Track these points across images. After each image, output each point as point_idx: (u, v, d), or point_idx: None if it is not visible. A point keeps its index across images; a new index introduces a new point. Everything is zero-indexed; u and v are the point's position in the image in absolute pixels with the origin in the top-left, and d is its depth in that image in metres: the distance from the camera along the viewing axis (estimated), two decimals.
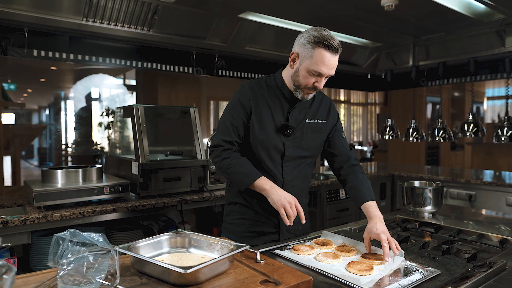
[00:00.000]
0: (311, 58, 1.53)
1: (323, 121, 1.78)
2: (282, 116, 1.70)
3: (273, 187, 1.56)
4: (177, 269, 1.00)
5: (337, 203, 3.51)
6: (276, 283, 1.06)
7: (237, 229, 1.78)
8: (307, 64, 1.55)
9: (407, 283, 1.17)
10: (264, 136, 1.67)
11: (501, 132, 3.62)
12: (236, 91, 1.75)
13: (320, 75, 1.56)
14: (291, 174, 1.74)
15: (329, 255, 1.39)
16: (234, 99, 1.72)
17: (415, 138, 4.40)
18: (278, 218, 1.75)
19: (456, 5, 3.16)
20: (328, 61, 1.53)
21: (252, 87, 1.71)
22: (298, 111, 1.72)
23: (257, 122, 1.67)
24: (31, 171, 7.02)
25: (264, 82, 1.74)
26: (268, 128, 1.67)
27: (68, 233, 1.17)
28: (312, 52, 1.53)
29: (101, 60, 3.21)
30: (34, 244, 2.20)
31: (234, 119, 1.68)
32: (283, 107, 1.70)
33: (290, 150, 1.70)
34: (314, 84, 1.59)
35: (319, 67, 1.53)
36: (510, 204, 3.24)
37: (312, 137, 1.75)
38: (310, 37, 1.54)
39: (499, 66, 4.05)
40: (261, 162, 1.70)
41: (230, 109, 1.72)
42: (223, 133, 1.69)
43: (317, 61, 1.52)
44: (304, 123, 1.73)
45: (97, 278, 1.05)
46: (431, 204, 2.09)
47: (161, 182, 2.56)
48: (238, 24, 3.50)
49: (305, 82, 1.59)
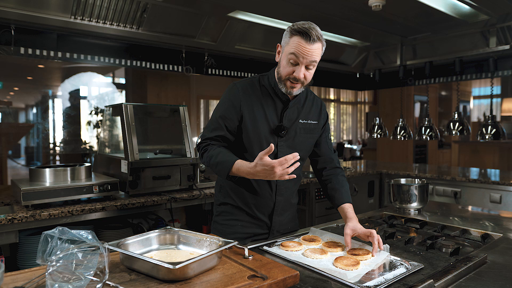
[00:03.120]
0: (288, 45, 1.54)
1: (315, 122, 1.77)
2: (275, 116, 1.67)
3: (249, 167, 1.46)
4: (166, 265, 1.02)
5: (326, 201, 3.54)
6: (264, 278, 1.08)
7: (228, 230, 1.76)
8: (285, 52, 1.55)
9: (392, 277, 1.21)
10: (258, 137, 1.65)
11: (485, 130, 3.70)
12: (226, 89, 1.71)
13: (297, 63, 1.54)
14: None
15: (316, 251, 1.42)
16: (224, 98, 1.70)
17: (402, 137, 4.47)
18: (271, 220, 1.76)
19: (441, 6, 3.22)
20: (303, 48, 1.50)
21: (244, 87, 1.68)
22: (291, 111, 1.70)
23: (250, 123, 1.64)
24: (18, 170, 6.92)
25: (257, 82, 1.71)
26: (262, 129, 1.65)
27: (57, 230, 1.18)
28: (289, 40, 1.54)
29: (89, 58, 3.20)
30: (22, 243, 2.19)
31: (221, 117, 1.66)
32: (276, 107, 1.68)
33: (283, 151, 1.68)
34: (294, 74, 1.55)
35: (295, 54, 1.51)
36: (494, 201, 3.31)
37: (305, 138, 1.74)
38: (290, 27, 1.56)
39: (484, 66, 4.13)
40: None
41: (219, 107, 1.70)
42: (208, 130, 1.69)
43: (293, 48, 1.52)
44: (298, 124, 1.71)
45: (86, 275, 1.06)
46: (416, 200, 2.14)
47: (151, 180, 2.56)
48: (227, 23, 3.51)
49: (285, 71, 1.57)
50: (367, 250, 1.41)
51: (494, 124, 3.66)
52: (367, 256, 1.37)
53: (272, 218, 1.76)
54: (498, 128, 3.63)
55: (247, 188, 1.72)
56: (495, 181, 3.33)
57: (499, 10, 3.28)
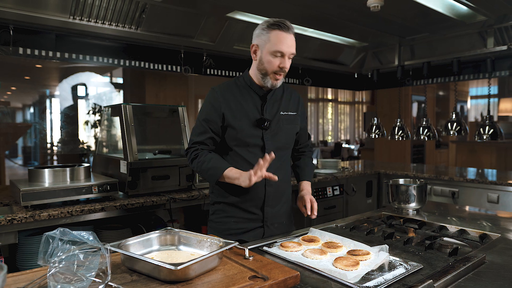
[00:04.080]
0: (270, 41, 1.65)
1: (294, 113, 1.89)
2: (257, 112, 1.78)
3: (241, 173, 1.63)
4: (167, 266, 1.02)
5: (324, 200, 3.55)
6: (264, 279, 1.09)
7: (223, 227, 1.82)
8: (268, 48, 1.66)
9: (391, 277, 1.21)
10: (242, 133, 1.73)
11: (483, 130, 3.72)
12: (207, 95, 1.82)
13: (282, 54, 1.66)
14: (273, 167, 1.76)
15: (316, 251, 1.43)
16: (205, 102, 1.80)
17: (400, 137, 4.48)
18: (263, 211, 1.81)
19: (439, 7, 3.23)
20: (285, 40, 1.64)
21: (222, 89, 1.79)
22: (270, 105, 1.80)
23: (233, 121, 1.73)
24: (15, 170, 6.91)
25: (234, 83, 1.82)
26: (245, 124, 1.74)
27: (58, 231, 1.18)
28: (269, 35, 1.65)
29: (88, 58, 3.19)
30: (21, 244, 2.19)
31: (205, 120, 1.75)
32: (255, 103, 1.79)
33: (270, 143, 1.77)
34: (279, 66, 1.67)
35: (279, 46, 1.64)
36: (491, 201, 3.33)
37: (288, 129, 1.85)
38: (263, 24, 1.68)
39: (481, 66, 4.16)
40: (242, 159, 1.76)
41: (201, 112, 1.79)
42: (194, 135, 1.78)
43: (276, 42, 1.64)
44: (280, 116, 1.81)
45: (87, 276, 1.06)
46: (415, 201, 2.15)
47: (150, 180, 2.56)
48: (226, 23, 3.52)
49: (271, 66, 1.68)
50: (367, 251, 1.42)
51: (491, 124, 3.68)
52: (367, 256, 1.38)
53: (264, 209, 1.80)
54: (495, 128, 3.65)
55: None
56: (492, 181, 3.35)
57: (496, 11, 3.30)
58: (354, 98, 13.46)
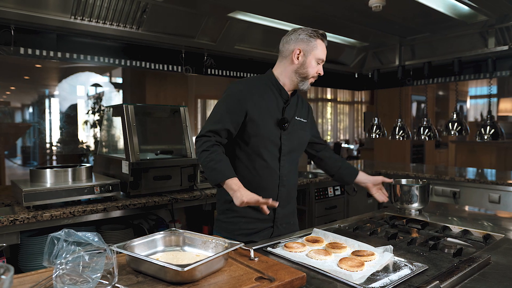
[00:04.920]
0: (316, 48, 1.78)
1: (305, 120, 1.94)
2: (278, 112, 1.80)
3: (239, 188, 1.62)
4: (174, 267, 1.02)
5: (325, 200, 3.55)
6: (271, 280, 1.09)
7: (233, 227, 1.81)
8: (314, 54, 1.78)
9: (397, 278, 1.21)
10: (264, 129, 1.75)
11: (484, 130, 3.72)
12: (229, 87, 1.80)
13: (322, 61, 1.82)
14: (287, 168, 1.83)
15: (320, 252, 1.42)
16: (229, 94, 1.77)
17: (401, 137, 4.48)
18: (274, 212, 1.81)
19: (441, 7, 3.23)
20: (324, 49, 1.82)
21: (248, 84, 1.80)
22: (290, 107, 1.85)
23: (257, 116, 1.73)
24: (14, 170, 6.88)
25: (258, 81, 1.83)
26: (268, 122, 1.75)
27: (63, 232, 1.17)
28: (316, 44, 1.78)
29: (89, 58, 3.19)
30: (23, 244, 2.18)
31: (226, 111, 1.72)
32: (278, 104, 1.81)
33: (286, 144, 1.80)
34: (317, 72, 1.81)
35: (322, 54, 1.81)
36: (493, 201, 3.33)
37: (300, 134, 1.89)
38: (309, 32, 1.78)
39: (482, 66, 4.15)
40: (259, 156, 1.76)
41: (223, 102, 1.76)
42: (211, 123, 1.73)
43: (321, 50, 1.80)
44: (294, 120, 1.86)
45: (93, 277, 1.06)
46: (418, 201, 2.15)
47: (152, 181, 2.56)
48: (227, 23, 3.51)
49: (313, 71, 1.80)
50: (371, 252, 1.42)
51: (492, 124, 3.68)
52: (372, 257, 1.38)
53: (276, 209, 1.81)
54: (496, 128, 3.65)
55: (252, 181, 1.76)
56: (494, 181, 3.35)
57: (498, 11, 3.30)
58: (354, 98, 13.47)
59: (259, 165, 1.76)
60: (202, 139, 1.71)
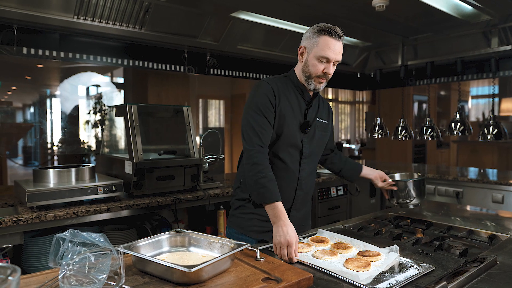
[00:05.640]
0: (318, 45, 1.65)
1: (326, 121, 1.90)
2: (301, 114, 1.77)
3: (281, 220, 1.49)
4: (180, 268, 1.02)
5: (328, 201, 3.55)
6: (278, 281, 1.08)
7: (247, 223, 1.81)
8: (315, 52, 1.66)
9: (403, 279, 1.21)
10: (289, 132, 1.72)
11: (487, 130, 3.71)
12: (256, 86, 1.74)
13: (328, 60, 1.66)
14: (307, 171, 1.82)
15: (326, 252, 1.42)
16: (258, 93, 1.70)
17: (403, 137, 4.47)
18: (289, 214, 1.76)
19: (444, 6, 3.22)
20: (333, 46, 1.63)
21: (274, 83, 1.73)
22: (311, 110, 1.81)
23: (282, 119, 1.70)
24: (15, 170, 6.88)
25: (285, 81, 1.78)
26: (292, 125, 1.72)
27: (68, 233, 1.17)
28: (318, 40, 1.64)
29: (92, 58, 3.18)
30: (27, 245, 2.18)
31: (266, 119, 1.66)
32: (300, 105, 1.77)
33: (307, 146, 1.78)
34: (323, 71, 1.68)
35: (326, 52, 1.63)
36: (496, 201, 3.32)
37: (321, 136, 1.86)
38: (314, 28, 1.67)
39: (485, 66, 4.14)
40: (279, 158, 1.74)
41: (254, 102, 1.68)
42: (257, 135, 1.64)
43: (323, 47, 1.63)
44: (316, 122, 1.82)
45: (99, 278, 1.05)
46: (415, 196, 2.07)
47: (155, 181, 2.55)
48: (229, 23, 3.51)
49: (315, 70, 1.68)
50: (377, 252, 1.42)
51: (495, 124, 3.67)
52: (378, 257, 1.37)
53: (290, 212, 1.80)
54: (499, 128, 3.64)
55: None
56: (497, 181, 3.34)
57: (501, 11, 3.29)
58: (355, 97, 13.45)
59: (277, 167, 1.72)
60: (253, 150, 1.62)
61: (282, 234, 1.43)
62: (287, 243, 1.40)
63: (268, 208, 1.54)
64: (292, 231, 1.44)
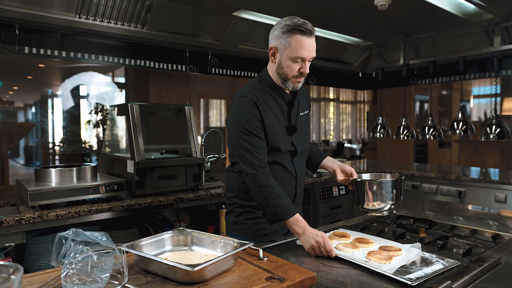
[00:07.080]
0: (290, 46, 1.57)
1: (307, 111, 1.86)
2: (283, 118, 1.73)
3: (305, 229, 1.49)
4: (184, 267, 1.01)
5: (330, 200, 3.54)
6: (281, 280, 1.07)
7: (253, 228, 1.78)
8: (288, 53, 1.58)
9: (430, 271, 1.22)
10: (278, 140, 1.69)
11: (489, 130, 3.70)
12: (238, 103, 1.66)
13: (303, 60, 1.59)
14: (300, 168, 1.82)
15: (348, 245, 1.46)
16: (247, 115, 1.62)
17: (406, 136, 4.46)
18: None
19: (446, 5, 3.21)
20: (306, 45, 1.56)
21: (255, 95, 1.66)
22: (294, 109, 1.77)
23: (270, 128, 1.66)
24: (17, 169, 6.89)
25: (261, 88, 1.70)
26: (280, 132, 1.70)
27: (70, 232, 1.17)
28: (289, 40, 1.56)
29: (93, 57, 3.18)
30: (29, 244, 2.18)
31: (258, 137, 1.63)
32: (282, 108, 1.73)
33: (299, 146, 1.77)
34: (300, 71, 1.61)
35: (300, 52, 1.56)
36: (499, 200, 3.31)
37: (306, 129, 1.84)
38: (283, 26, 1.57)
39: (487, 65, 4.13)
40: (277, 163, 1.73)
41: (248, 128, 1.62)
42: (256, 157, 1.61)
43: (297, 47, 1.56)
44: (299, 117, 1.79)
45: (102, 277, 1.05)
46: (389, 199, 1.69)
47: (157, 180, 2.55)
48: (231, 22, 3.50)
49: (290, 71, 1.61)
50: (398, 247, 1.43)
51: (498, 124, 3.66)
52: (399, 252, 1.40)
53: None
54: (502, 127, 3.63)
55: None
56: (500, 180, 3.33)
57: (504, 9, 3.28)
58: (356, 97, 13.44)
59: (276, 171, 1.71)
60: (257, 173, 1.59)
61: (311, 238, 1.44)
62: (318, 244, 1.42)
63: (289, 223, 1.54)
64: (317, 231, 1.47)
